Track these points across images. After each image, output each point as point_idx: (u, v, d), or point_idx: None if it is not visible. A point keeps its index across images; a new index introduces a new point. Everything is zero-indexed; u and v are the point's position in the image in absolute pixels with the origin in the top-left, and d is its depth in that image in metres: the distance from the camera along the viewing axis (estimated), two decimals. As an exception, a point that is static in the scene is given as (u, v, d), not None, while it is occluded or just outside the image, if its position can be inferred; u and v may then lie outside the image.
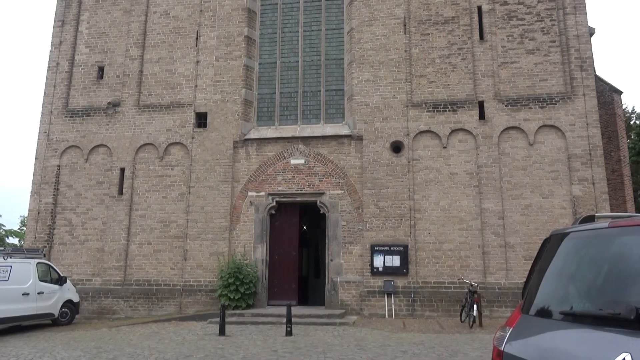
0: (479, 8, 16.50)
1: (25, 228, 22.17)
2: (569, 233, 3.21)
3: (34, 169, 17.73)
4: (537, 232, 14.77)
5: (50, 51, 18.55)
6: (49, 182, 17.48)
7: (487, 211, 15.13)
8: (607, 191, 15.14)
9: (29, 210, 17.54)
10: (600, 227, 2.95)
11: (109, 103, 17.79)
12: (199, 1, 18.08)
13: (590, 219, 3.44)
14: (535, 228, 14.88)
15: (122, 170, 17.20)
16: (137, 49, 18.02)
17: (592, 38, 17.43)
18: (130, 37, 18.17)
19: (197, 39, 17.76)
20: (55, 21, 18.77)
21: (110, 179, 17.21)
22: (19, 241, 44.24)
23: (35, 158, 17.79)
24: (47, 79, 18.30)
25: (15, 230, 46.18)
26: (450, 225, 15.27)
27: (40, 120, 18.06)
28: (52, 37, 18.62)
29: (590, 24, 16.76)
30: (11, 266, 13.02)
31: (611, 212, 16.11)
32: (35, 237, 17.15)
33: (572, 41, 15.80)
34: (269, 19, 18.23)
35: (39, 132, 17.98)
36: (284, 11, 18.21)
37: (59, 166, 17.61)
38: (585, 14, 15.92)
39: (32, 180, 17.66)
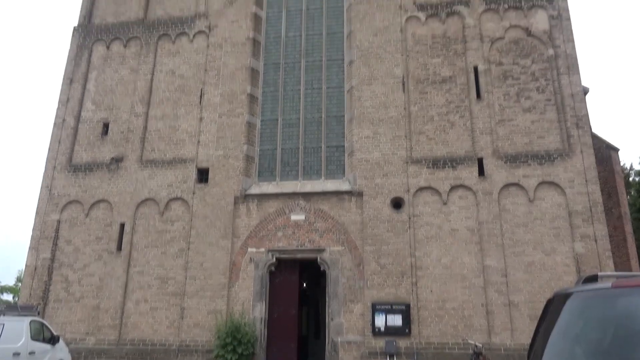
0: (475, 68, 17.00)
1: (20, 284, 21.82)
2: (572, 293, 3.14)
3: (34, 224, 17.69)
4: (542, 290, 14.49)
5: (58, 108, 18.98)
6: (48, 237, 17.38)
7: (489, 268, 14.92)
8: (610, 248, 14.99)
9: (25, 266, 17.34)
10: (603, 287, 2.90)
11: (112, 158, 17.99)
12: (204, 61, 18.68)
13: (593, 278, 3.38)
14: (539, 286, 14.61)
15: (122, 225, 17.14)
16: (143, 105, 18.44)
17: (587, 96, 17.86)
18: (136, 94, 18.63)
19: (201, 96, 18.21)
20: (64, 79, 19.32)
21: (110, 234, 17.12)
22: (13, 297, 43.44)
23: (36, 213, 17.79)
24: (52, 134, 18.61)
25: (10, 286, 45.45)
26: (452, 283, 15.01)
27: (43, 175, 18.20)
28: (60, 95, 19.10)
29: (584, 83, 17.23)
30: (3, 324, 12.68)
31: (615, 269, 15.88)
32: (30, 294, 16.84)
33: (567, 100, 16.15)
34: (271, 78, 18.75)
35: (41, 187, 18.08)
36: (286, 70, 18.77)
37: (59, 221, 17.57)
38: (579, 74, 16.38)
39: (32, 235, 17.57)
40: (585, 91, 17.19)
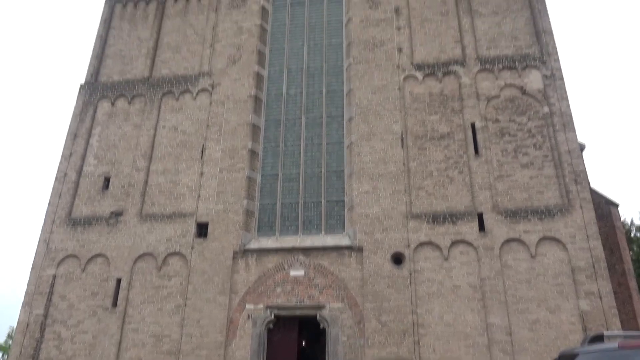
0: (472, 125, 17.32)
1: (11, 341, 21.21)
2: (578, 354, 3.06)
3: (29, 279, 17.42)
4: (547, 350, 14.07)
5: (60, 162, 19.16)
6: (42, 293, 17.07)
7: (493, 326, 14.55)
8: (616, 305, 14.70)
9: (18, 323, 16.91)
10: (609, 348, 2.83)
11: (111, 212, 17.98)
12: (207, 117, 19.06)
13: (599, 338, 3.30)
14: (545, 345, 14.21)
15: (119, 280, 16.88)
16: (144, 160, 18.63)
17: (584, 152, 18.09)
18: (139, 149, 18.87)
19: (202, 151, 18.43)
20: (68, 135, 19.62)
21: (106, 290, 16.82)
22: (3, 355, 42.09)
23: (32, 267, 17.56)
24: (53, 188, 18.69)
25: (0, 345, 44.13)
26: (455, 342, 14.60)
27: (42, 229, 18.12)
28: (63, 150, 19.34)
29: (581, 139, 17.50)
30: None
31: (622, 328, 15.50)
32: (20, 352, 16.34)
33: (564, 156, 16.34)
34: (272, 134, 19.07)
35: (39, 241, 17.95)
36: (286, 126, 19.11)
37: (54, 276, 17.32)
38: (574, 131, 16.66)
39: (26, 291, 17.26)
40: (582, 147, 17.43)
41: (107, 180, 18.68)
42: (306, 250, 16.45)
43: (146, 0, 22.28)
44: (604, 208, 19.46)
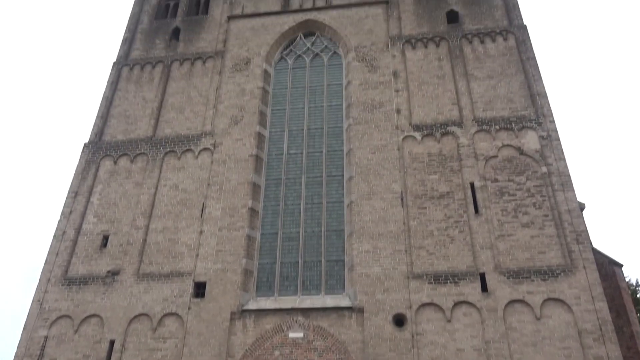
0: (472, 184, 17.43)
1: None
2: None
3: (20, 341, 16.88)
4: (558, 419, 13.41)
5: (59, 220, 19.10)
6: (33, 355, 16.49)
7: (500, 393, 13.95)
8: (627, 371, 14.17)
9: (5, 387, 16.25)
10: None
11: (108, 271, 17.71)
12: (208, 175, 19.22)
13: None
14: (555, 413, 13.55)
15: (112, 342, 16.36)
16: (144, 218, 18.60)
17: (585, 212, 18.07)
18: (139, 207, 18.88)
19: (202, 210, 18.44)
20: (69, 193, 19.70)
21: (98, 353, 16.27)
22: None
23: (23, 328, 17.08)
24: (50, 247, 18.52)
25: (-15, 411, 42.02)
26: (461, 410, 13.93)
27: (36, 289, 17.77)
28: (64, 208, 19.35)
29: (581, 198, 17.56)
30: None
31: (635, 395, 14.85)
32: (5, 419, 15.56)
33: (564, 216, 16.33)
34: (272, 192, 19.15)
35: (32, 301, 17.56)
36: (287, 185, 19.23)
37: (46, 337, 16.81)
38: (573, 190, 16.75)
39: (15, 353, 16.68)
40: (582, 207, 17.45)
41: (105, 239, 18.55)
42: (305, 311, 16.07)
43: (153, 64, 23.09)
44: (608, 268, 19.19)
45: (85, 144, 21.01)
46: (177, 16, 24.97)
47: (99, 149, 20.72)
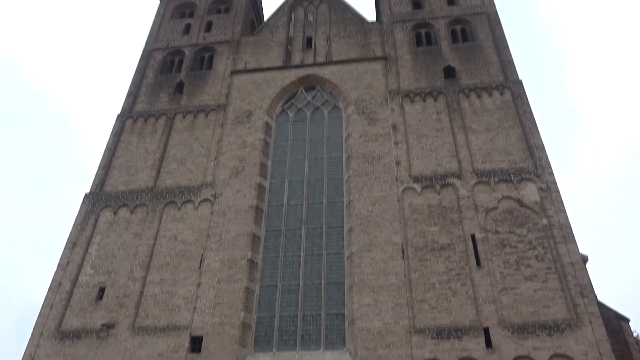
0: (473, 236, 17.32)
1: None
2: None
3: (8, 398, 16.26)
4: None
5: (56, 272, 18.83)
6: (20, 414, 15.82)
7: None
8: None
9: None
10: None
11: (103, 325, 17.29)
12: (207, 226, 19.13)
13: None
14: None
15: (103, 400, 15.73)
16: (142, 270, 18.35)
17: (588, 264, 17.85)
18: (137, 259, 18.68)
19: (201, 261, 18.23)
20: (67, 243, 19.54)
21: (88, 411, 15.60)
22: None
23: (12, 385, 16.48)
24: (45, 299, 18.16)
25: None
26: None
27: (28, 343, 17.27)
28: (61, 259, 19.13)
29: (584, 251, 17.40)
30: None
31: None
32: None
33: (567, 268, 16.12)
34: (272, 244, 19.01)
35: (23, 356, 17.02)
36: (287, 237, 19.11)
37: (35, 395, 16.17)
38: (575, 243, 16.61)
39: (2, 412, 16.02)
40: (585, 259, 17.25)
41: (101, 291, 18.22)
42: (305, 368, 15.55)
43: (156, 116, 23.52)
44: (615, 323, 18.74)
45: (86, 194, 21.05)
46: (182, 71, 25.67)
47: (100, 200, 20.74)
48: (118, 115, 23.84)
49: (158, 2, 30.33)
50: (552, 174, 18.41)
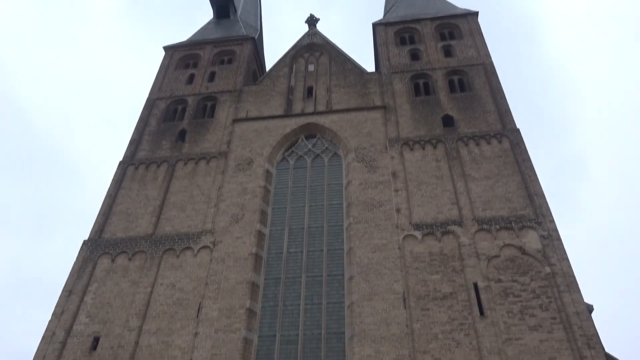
0: (475, 285, 17.05)
1: None
2: None
3: None
4: None
5: (50, 321, 18.43)
6: None
7: None
8: None
9: None
10: None
11: (96, 377, 16.74)
12: (206, 274, 18.89)
13: None
14: None
15: None
16: (138, 319, 17.96)
17: (594, 314, 17.48)
18: (133, 307, 18.32)
19: (198, 310, 17.87)
20: (62, 291, 19.22)
21: None
22: None
23: None
24: (37, 350, 17.66)
25: None
26: None
27: (18, 396, 16.69)
28: (55, 307, 18.76)
29: (589, 300, 17.07)
30: None
31: None
32: None
33: (573, 318, 15.77)
34: (271, 292, 18.69)
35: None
36: (286, 285, 18.83)
37: None
38: (579, 292, 16.33)
39: None
40: (590, 309, 16.90)
41: (96, 341, 17.75)
42: (304, 423, 14.93)
43: (158, 163, 23.71)
44: (624, 376, 18.14)
45: (84, 241, 20.90)
46: (185, 119, 26.11)
47: (98, 246, 20.57)
48: (120, 163, 24.04)
49: (163, 53, 31.24)
50: (553, 221, 18.35)
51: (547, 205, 18.86)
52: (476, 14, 29.34)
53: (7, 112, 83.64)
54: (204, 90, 27.70)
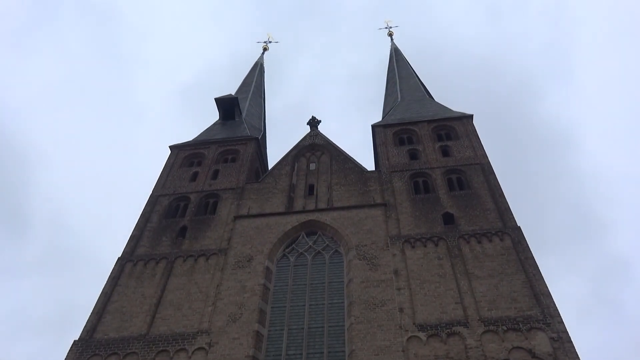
0: (485, 392, 16.02)
1: None
2: None
3: None
4: None
5: None
6: None
7: None
8: None
9: None
10: None
11: None
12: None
13: None
14: None
15: None
16: None
17: None
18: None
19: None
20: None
21: None
22: None
23: None
24: None
25: None
26: None
27: None
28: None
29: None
30: None
31: None
32: None
33: None
34: None
35: None
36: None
37: None
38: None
39: None
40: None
41: None
42: None
43: (157, 260, 23.39)
44: None
45: (75, 341, 19.99)
46: (186, 215, 26.20)
47: (89, 347, 19.63)
48: (118, 259, 23.70)
49: (169, 152, 32.10)
50: (562, 322, 17.66)
51: (555, 305, 18.27)
52: (471, 116, 30.60)
53: None
54: (207, 188, 28.09)
